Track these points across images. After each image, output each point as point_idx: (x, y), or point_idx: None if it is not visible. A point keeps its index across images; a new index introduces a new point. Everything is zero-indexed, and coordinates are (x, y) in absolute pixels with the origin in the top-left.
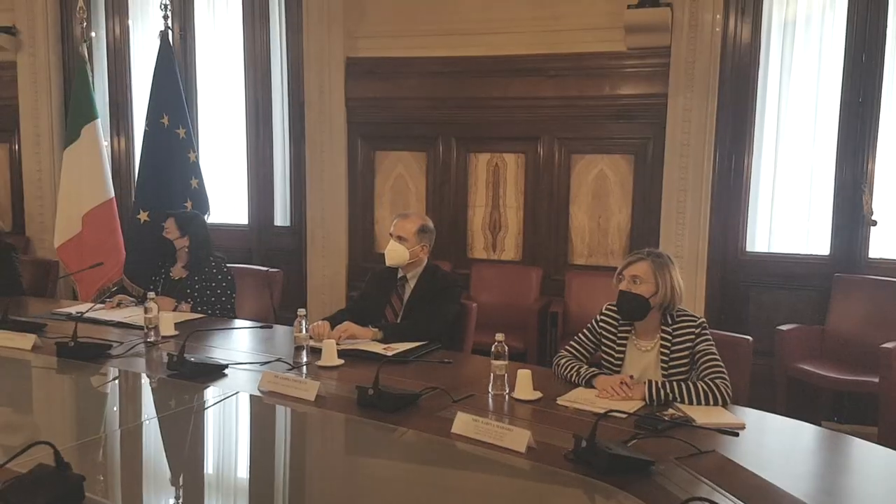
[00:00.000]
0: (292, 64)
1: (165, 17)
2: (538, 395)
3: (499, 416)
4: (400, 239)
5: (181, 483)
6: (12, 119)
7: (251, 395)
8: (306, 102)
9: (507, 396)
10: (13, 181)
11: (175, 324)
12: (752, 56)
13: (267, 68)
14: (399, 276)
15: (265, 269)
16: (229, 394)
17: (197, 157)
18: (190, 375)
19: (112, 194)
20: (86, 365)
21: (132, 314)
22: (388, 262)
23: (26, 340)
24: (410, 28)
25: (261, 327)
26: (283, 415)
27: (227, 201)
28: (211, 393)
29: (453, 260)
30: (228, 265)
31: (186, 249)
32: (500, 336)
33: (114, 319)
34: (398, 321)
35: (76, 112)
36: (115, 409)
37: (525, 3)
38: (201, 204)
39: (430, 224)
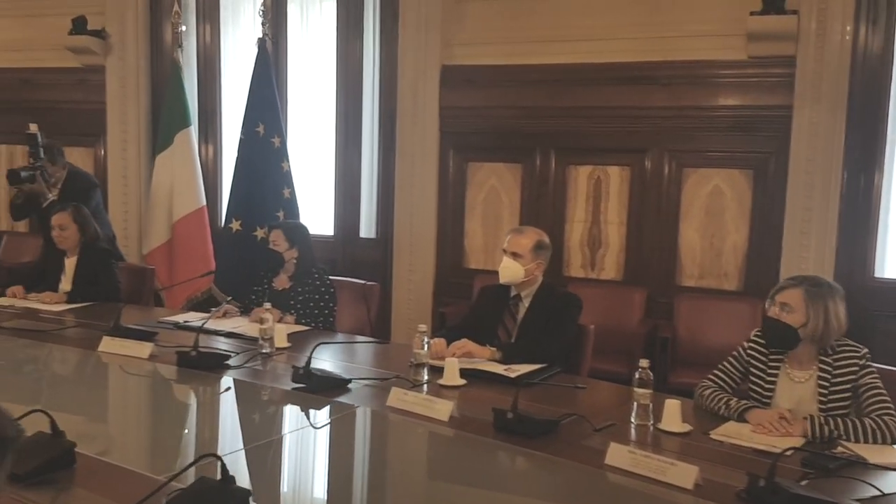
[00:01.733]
0: (384, 72)
1: (263, 24)
2: (687, 427)
3: (645, 446)
4: (514, 255)
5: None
6: (100, 123)
7: (378, 412)
8: (398, 111)
9: (651, 427)
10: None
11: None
12: (885, 68)
13: (358, 77)
14: (512, 294)
15: (361, 281)
16: (358, 408)
17: (289, 167)
18: (316, 389)
19: (203, 202)
20: (206, 375)
21: (240, 324)
22: (501, 280)
23: (143, 349)
24: (509, 35)
25: (376, 342)
26: (416, 434)
27: (312, 211)
28: (340, 407)
29: (547, 277)
30: (329, 277)
31: (294, 261)
32: (644, 363)
33: (223, 329)
34: (511, 341)
35: (169, 118)
36: (254, 419)
37: (632, 8)
38: (292, 214)
39: (547, 239)
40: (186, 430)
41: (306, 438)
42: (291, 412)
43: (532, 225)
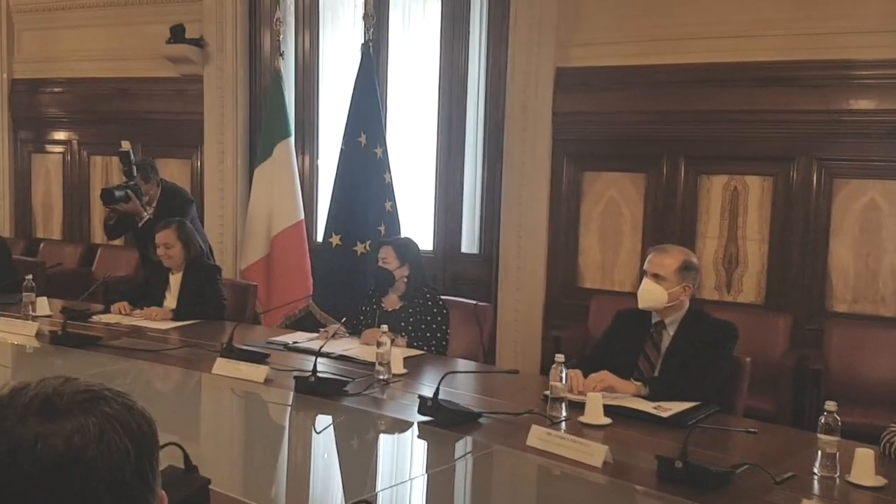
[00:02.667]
0: (492, 76)
1: (367, 29)
2: (882, 481)
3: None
4: (657, 277)
5: None
6: (197, 135)
7: (518, 453)
8: (507, 118)
9: (837, 480)
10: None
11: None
12: None
13: (463, 82)
14: (654, 320)
15: (473, 302)
16: (495, 448)
17: (391, 179)
18: (445, 422)
19: (302, 216)
20: (325, 402)
21: (350, 346)
22: (641, 305)
23: (258, 372)
24: (634, 33)
25: (507, 372)
26: (567, 481)
27: (410, 225)
28: (473, 444)
29: (695, 303)
30: (441, 297)
31: (405, 280)
32: (830, 405)
33: (334, 352)
34: (654, 374)
35: (269, 129)
36: (383, 455)
37: (776, 1)
38: (394, 228)
39: (695, 259)
40: (320, 466)
41: (444, 480)
42: (422, 448)
43: (656, 242)
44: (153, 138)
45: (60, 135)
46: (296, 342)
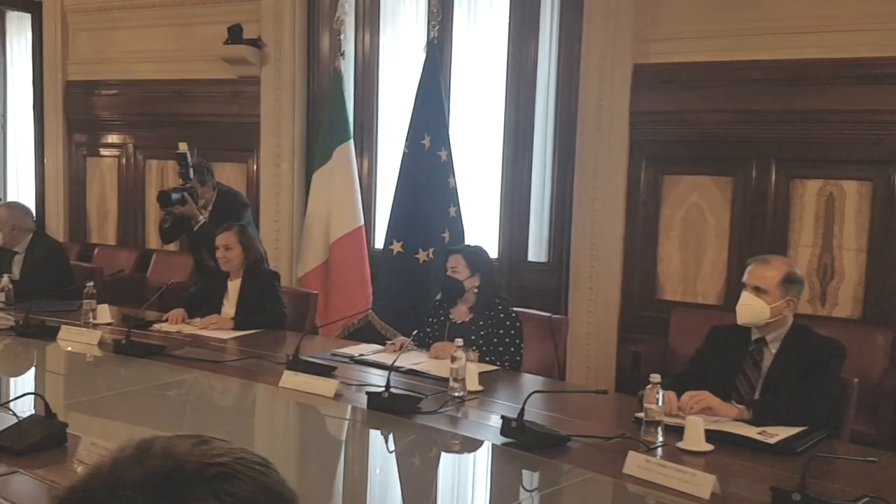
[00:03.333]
0: (563, 74)
1: (433, 27)
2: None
3: None
4: (757, 291)
5: None
6: (253, 138)
7: (615, 482)
8: (580, 119)
9: None
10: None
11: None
12: None
13: (532, 80)
14: (754, 337)
15: (547, 314)
16: (587, 474)
17: (455, 183)
18: (531, 445)
19: (361, 221)
20: (399, 420)
21: (419, 360)
22: (740, 320)
23: (328, 386)
24: (720, 27)
25: (596, 393)
26: None
27: (475, 231)
28: (566, 472)
29: (800, 318)
30: (515, 309)
31: (475, 290)
32: None
33: (403, 366)
34: (755, 396)
35: (328, 132)
36: (462, 480)
37: None
38: (458, 235)
39: (799, 272)
40: (397, 489)
41: None
42: (510, 474)
43: (744, 250)
44: (209, 141)
45: (115, 138)
46: (362, 354)
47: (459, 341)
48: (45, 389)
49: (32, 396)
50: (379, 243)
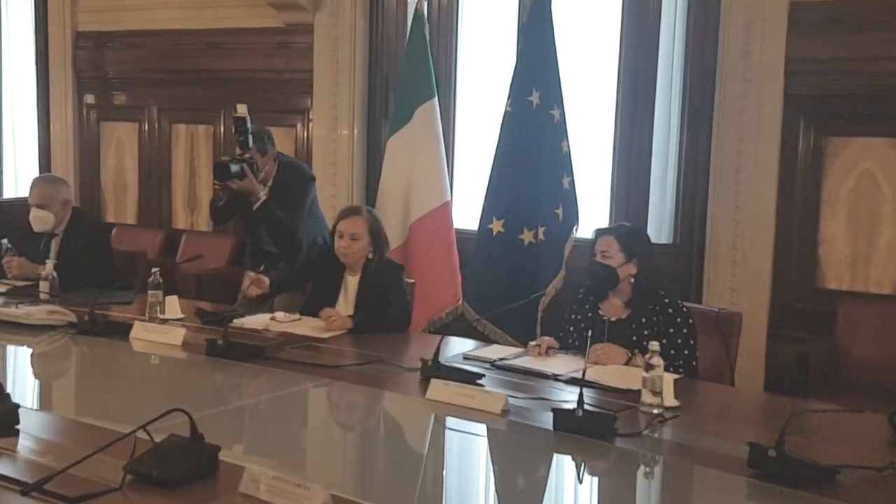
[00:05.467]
0: (696, 15)
1: None
2: None
3: None
4: None
5: None
6: (304, 97)
7: None
8: (719, 68)
9: None
10: None
11: None
12: None
13: (655, 23)
14: None
15: (715, 308)
16: None
17: (569, 148)
18: (794, 480)
19: (449, 196)
20: (594, 445)
21: (574, 366)
22: None
23: (493, 400)
24: None
25: (852, 412)
26: None
27: (583, 205)
28: None
29: None
30: (685, 304)
31: (632, 280)
32: None
33: (562, 374)
34: None
35: (408, 88)
36: None
37: None
38: (572, 211)
39: None
40: None
41: None
42: None
43: None
44: (250, 102)
45: (135, 99)
46: (502, 359)
47: (654, 345)
48: (142, 402)
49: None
50: (459, 222)
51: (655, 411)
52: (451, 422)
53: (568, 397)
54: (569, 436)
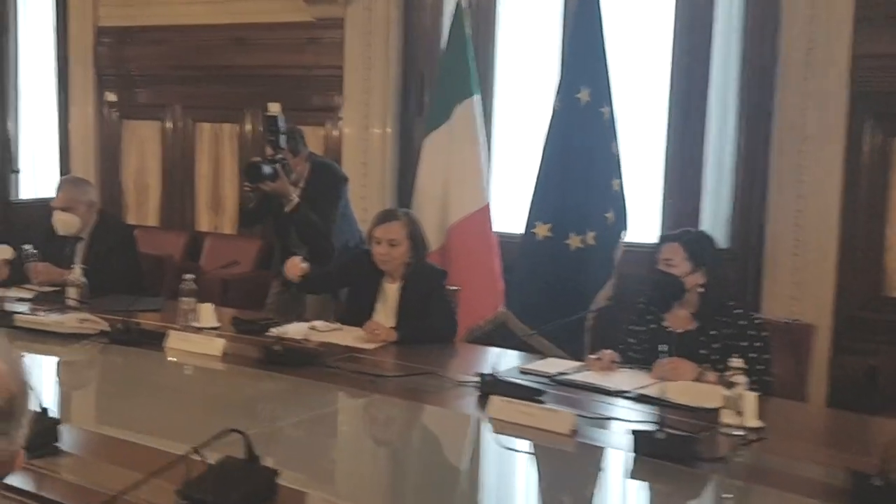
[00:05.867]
0: (755, 13)
1: None
2: None
3: None
4: None
5: None
6: (334, 94)
7: None
8: (780, 62)
9: None
10: None
11: None
12: None
13: (709, 20)
14: None
15: (785, 320)
16: None
17: (618, 148)
18: None
19: (489, 198)
20: (675, 470)
21: (640, 382)
22: None
23: (561, 420)
24: None
25: None
26: None
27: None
28: None
29: None
30: (758, 315)
31: (700, 290)
32: None
33: (630, 391)
34: None
35: (447, 84)
36: None
37: None
38: (622, 215)
39: None
40: None
41: None
42: None
43: None
44: (277, 100)
45: (158, 97)
46: (562, 373)
47: (737, 360)
48: (187, 417)
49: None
50: (498, 226)
51: (738, 433)
52: (516, 443)
53: (638, 416)
54: (644, 459)
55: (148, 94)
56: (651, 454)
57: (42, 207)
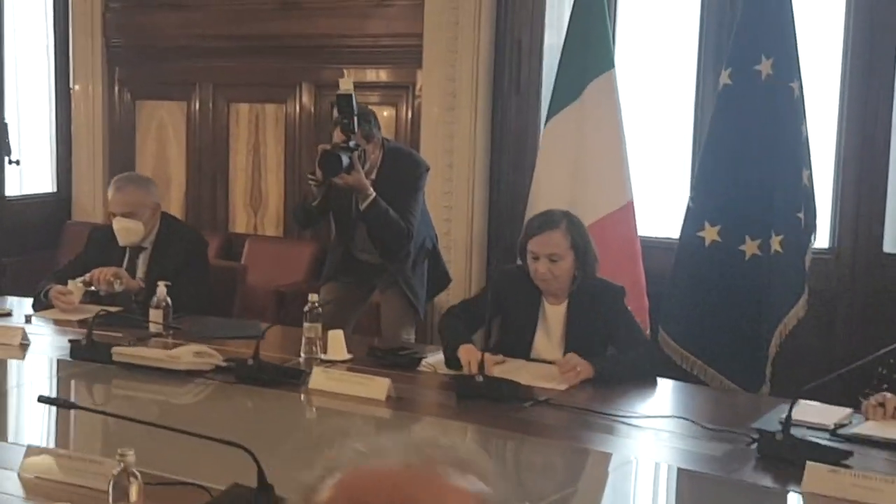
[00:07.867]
0: None
1: None
2: None
3: None
4: None
5: None
6: (409, 69)
7: None
8: None
9: None
10: None
11: None
12: None
13: None
14: None
15: None
16: None
17: (808, 132)
18: None
19: (631, 195)
20: None
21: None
22: None
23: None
24: None
25: None
26: None
27: None
28: None
29: None
30: None
31: None
32: None
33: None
34: None
35: (577, 55)
36: None
37: None
38: (813, 215)
39: None
40: None
41: None
42: None
43: None
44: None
45: (182, 73)
46: (842, 425)
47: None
48: None
49: None
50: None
51: None
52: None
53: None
54: None
55: (169, 69)
56: None
57: (37, 204)
